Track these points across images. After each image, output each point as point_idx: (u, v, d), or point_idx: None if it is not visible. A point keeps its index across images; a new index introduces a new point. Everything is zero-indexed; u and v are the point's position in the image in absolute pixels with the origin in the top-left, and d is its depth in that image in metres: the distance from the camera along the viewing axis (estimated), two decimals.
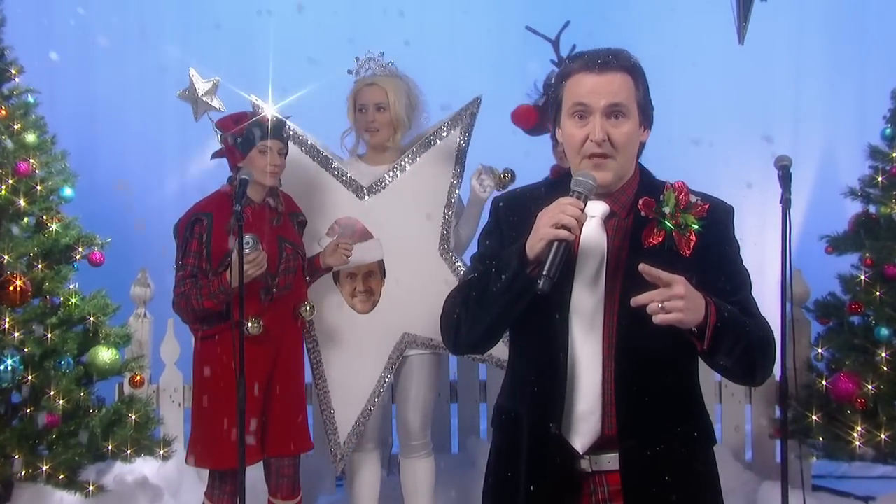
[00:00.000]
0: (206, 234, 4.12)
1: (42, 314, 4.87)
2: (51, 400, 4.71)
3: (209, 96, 4.21)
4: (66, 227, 5.01)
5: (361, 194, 4.63)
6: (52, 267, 4.93)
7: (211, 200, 4.24)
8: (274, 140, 4.18)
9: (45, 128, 5.08)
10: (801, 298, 5.62)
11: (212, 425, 4.17)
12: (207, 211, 4.16)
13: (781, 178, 3.75)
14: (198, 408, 4.28)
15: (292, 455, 4.35)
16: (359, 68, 4.63)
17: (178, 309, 4.20)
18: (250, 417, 4.10)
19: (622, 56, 2.56)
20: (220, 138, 4.23)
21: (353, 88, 4.62)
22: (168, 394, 5.64)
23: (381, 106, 4.54)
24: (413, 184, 4.61)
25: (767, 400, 5.77)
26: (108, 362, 4.93)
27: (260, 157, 4.15)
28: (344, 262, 4.39)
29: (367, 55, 4.63)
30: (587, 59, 2.54)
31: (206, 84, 4.22)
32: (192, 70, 4.18)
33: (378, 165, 4.66)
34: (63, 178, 5.06)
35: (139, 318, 5.56)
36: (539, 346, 2.56)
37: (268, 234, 4.17)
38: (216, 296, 4.04)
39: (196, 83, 4.21)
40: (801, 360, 5.31)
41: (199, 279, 4.10)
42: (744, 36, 5.55)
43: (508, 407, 2.69)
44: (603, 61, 2.52)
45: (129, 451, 4.92)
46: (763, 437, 5.82)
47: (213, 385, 4.17)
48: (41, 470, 4.68)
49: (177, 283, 4.17)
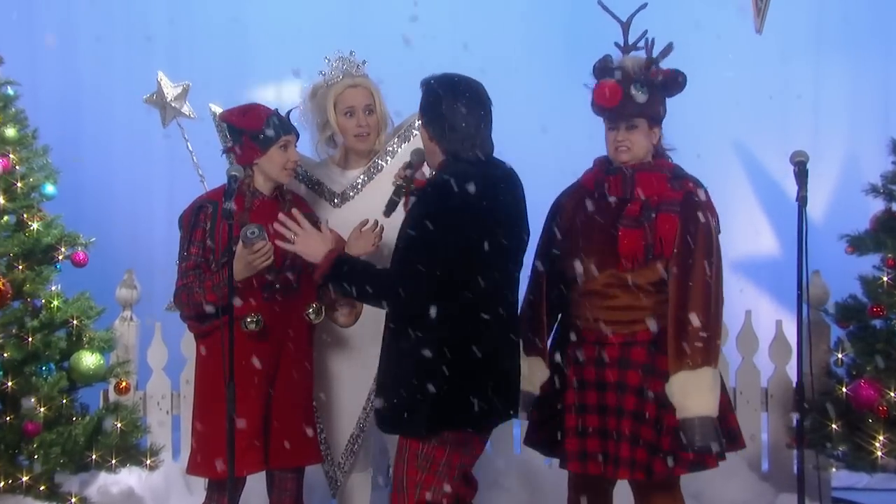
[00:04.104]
0: (210, 221, 4.12)
1: (22, 317, 4.91)
2: (32, 407, 4.72)
3: (179, 101, 4.16)
4: (48, 226, 5.03)
5: (335, 201, 4.57)
6: (34, 268, 4.95)
7: (217, 191, 4.23)
8: (292, 135, 4.18)
9: (26, 121, 5.10)
10: (820, 301, 5.61)
11: (209, 430, 4.14)
12: (213, 199, 4.17)
13: (797, 175, 3.78)
14: (195, 412, 4.26)
15: (295, 468, 4.28)
16: (333, 69, 4.54)
17: (178, 302, 4.18)
18: (250, 421, 4.06)
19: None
20: (231, 134, 4.21)
21: (333, 90, 4.49)
22: (155, 401, 5.62)
23: (370, 108, 4.48)
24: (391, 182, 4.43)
25: (785, 407, 5.74)
26: (91, 368, 4.95)
27: (280, 153, 4.14)
28: (373, 248, 4.18)
29: (338, 54, 4.55)
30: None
31: (175, 89, 4.16)
32: (161, 73, 4.13)
33: (352, 170, 4.59)
34: (45, 174, 5.08)
35: (125, 321, 5.54)
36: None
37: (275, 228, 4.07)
38: (219, 289, 4.02)
39: (164, 88, 4.15)
40: (819, 365, 5.32)
41: (203, 271, 4.10)
42: (762, 25, 5.57)
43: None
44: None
45: (113, 461, 4.93)
46: (780, 446, 5.78)
47: (210, 387, 4.14)
48: (21, 481, 4.72)
49: (180, 275, 4.16)
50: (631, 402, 3.89)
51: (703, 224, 3.87)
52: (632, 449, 3.87)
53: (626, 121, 3.94)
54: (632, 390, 3.89)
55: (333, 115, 4.50)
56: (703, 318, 3.81)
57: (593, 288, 3.96)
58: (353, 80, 4.50)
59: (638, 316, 3.92)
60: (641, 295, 3.91)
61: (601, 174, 4.05)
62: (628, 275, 3.90)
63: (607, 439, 3.92)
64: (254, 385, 4.11)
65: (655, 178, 3.94)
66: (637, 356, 3.91)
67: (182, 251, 4.17)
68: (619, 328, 3.93)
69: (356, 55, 4.57)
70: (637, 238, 3.88)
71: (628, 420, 3.88)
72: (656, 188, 3.93)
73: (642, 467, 3.86)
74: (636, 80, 3.93)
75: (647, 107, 3.94)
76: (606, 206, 3.98)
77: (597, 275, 3.94)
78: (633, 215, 3.90)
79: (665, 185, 3.94)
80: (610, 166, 4.03)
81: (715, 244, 3.90)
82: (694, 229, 3.86)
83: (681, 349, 3.81)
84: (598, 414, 3.95)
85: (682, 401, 3.81)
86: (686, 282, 3.85)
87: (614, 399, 3.92)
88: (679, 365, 3.82)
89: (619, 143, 3.96)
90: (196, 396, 4.29)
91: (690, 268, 3.85)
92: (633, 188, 3.93)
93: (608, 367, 3.93)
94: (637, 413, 3.88)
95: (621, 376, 3.92)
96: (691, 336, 3.80)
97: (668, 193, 3.92)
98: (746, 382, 5.82)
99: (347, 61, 4.54)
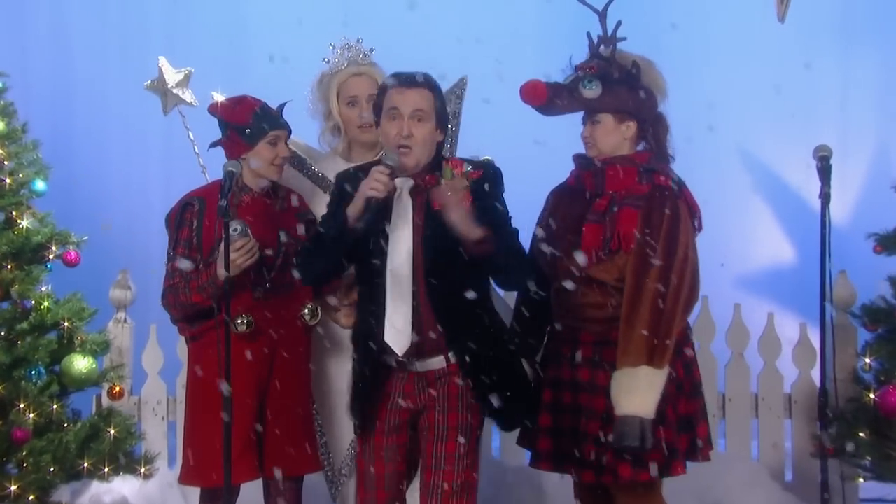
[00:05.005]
0: (196, 220, 4.12)
1: (11, 319, 4.87)
2: (20, 413, 4.70)
3: (180, 88, 4.18)
4: (39, 224, 4.99)
5: None
6: (23, 267, 4.92)
7: (205, 187, 4.26)
8: (282, 130, 4.17)
9: (15, 114, 5.07)
10: (846, 302, 5.56)
11: (200, 437, 4.14)
12: (200, 196, 4.17)
13: (820, 171, 3.79)
14: (186, 418, 4.26)
15: (292, 477, 4.26)
16: (338, 57, 4.52)
17: (165, 304, 4.19)
18: (243, 428, 4.04)
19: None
20: (220, 127, 4.20)
21: (336, 79, 4.49)
22: (150, 406, 5.61)
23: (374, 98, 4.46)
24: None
25: (809, 414, 5.68)
26: (83, 372, 4.92)
27: (268, 148, 4.13)
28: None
29: (344, 41, 4.53)
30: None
31: (177, 75, 4.18)
32: (162, 59, 4.14)
33: (357, 162, 4.46)
34: (35, 169, 5.05)
35: (119, 323, 5.54)
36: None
37: (264, 225, 4.12)
38: (204, 289, 4.02)
39: (166, 73, 4.18)
40: (846, 370, 5.26)
41: (190, 271, 4.08)
42: (785, 13, 5.48)
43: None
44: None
45: (106, 470, 4.90)
46: (804, 455, 5.70)
47: (201, 392, 4.14)
48: (9, 490, 4.67)
49: (167, 275, 4.17)
50: (601, 403, 3.87)
51: (668, 217, 3.85)
52: (597, 452, 3.85)
53: (589, 116, 3.98)
54: (602, 391, 3.87)
55: (336, 105, 4.49)
56: (649, 316, 3.79)
57: (564, 285, 3.95)
58: (357, 68, 4.48)
59: (608, 314, 3.90)
60: (610, 293, 3.90)
61: (578, 169, 4.08)
62: (594, 271, 3.90)
63: (579, 440, 3.91)
64: (246, 390, 4.06)
65: (624, 171, 3.94)
66: (609, 356, 3.88)
67: (169, 251, 4.17)
68: (592, 326, 3.93)
69: (363, 42, 4.53)
70: (597, 233, 3.89)
71: (596, 421, 3.87)
72: (623, 182, 3.93)
73: (610, 470, 3.85)
74: (583, 76, 3.94)
75: (601, 101, 3.94)
76: (581, 202, 4.00)
77: (568, 270, 3.93)
78: (600, 210, 3.92)
79: (632, 179, 3.93)
80: (585, 161, 4.05)
81: (682, 240, 3.87)
82: (657, 223, 3.85)
83: (624, 346, 3.82)
84: (571, 413, 3.94)
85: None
86: (640, 277, 3.83)
87: (587, 399, 3.91)
88: (621, 361, 3.82)
89: (585, 139, 4.02)
90: (186, 403, 4.28)
91: (645, 263, 3.83)
92: (603, 182, 3.95)
93: (581, 367, 3.93)
94: (606, 415, 3.85)
95: (593, 376, 3.91)
96: (635, 333, 3.80)
97: (635, 187, 3.92)
98: (769, 388, 5.80)
99: (353, 48, 4.53)
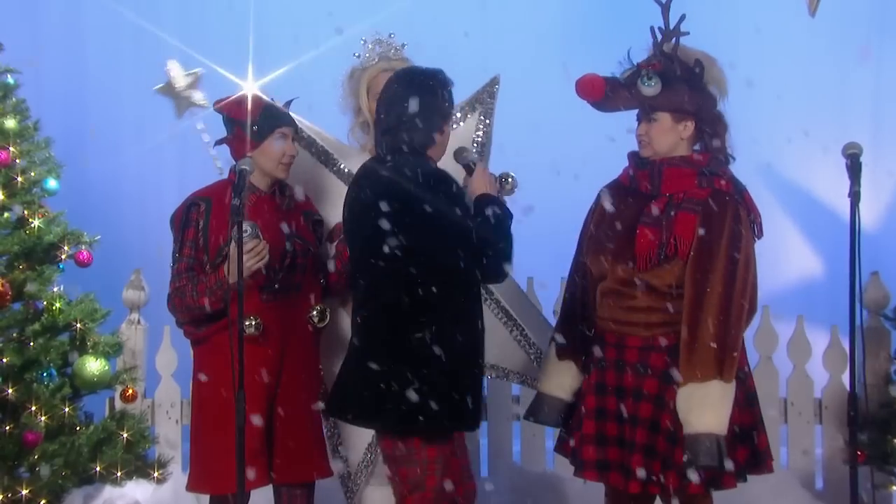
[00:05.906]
0: (202, 220, 4.10)
1: (23, 320, 4.88)
2: (32, 416, 4.70)
3: (190, 90, 4.15)
4: (51, 223, 5.01)
5: None
6: (35, 267, 4.93)
7: (211, 187, 4.23)
8: (290, 127, 4.15)
9: (27, 112, 5.08)
10: (878, 305, 5.54)
11: (208, 443, 4.12)
12: (206, 196, 4.15)
13: (850, 168, 3.69)
14: (193, 423, 4.25)
15: (303, 483, 4.24)
16: (368, 52, 4.52)
17: (171, 307, 4.17)
18: (252, 434, 4.00)
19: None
20: (225, 124, 4.18)
21: (367, 74, 4.49)
22: (164, 409, 5.61)
23: None
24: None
25: (840, 420, 5.63)
26: (96, 374, 4.92)
27: (274, 146, 4.11)
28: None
29: (376, 36, 4.53)
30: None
31: (187, 77, 4.16)
32: (171, 62, 4.13)
33: None
34: (47, 168, 5.06)
35: (132, 324, 5.53)
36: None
37: (272, 226, 4.10)
38: (213, 292, 4.00)
39: (175, 77, 4.15)
40: (878, 375, 5.24)
41: (197, 273, 4.07)
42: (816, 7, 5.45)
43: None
44: None
45: (119, 474, 4.91)
46: (835, 462, 5.68)
47: (207, 396, 4.13)
48: (21, 494, 4.67)
49: (172, 278, 4.14)
50: (647, 410, 3.84)
51: (729, 225, 3.80)
52: (645, 461, 3.81)
53: (646, 114, 3.93)
54: (648, 398, 3.84)
55: (366, 101, 4.48)
56: (716, 328, 3.74)
57: (613, 287, 3.93)
58: (388, 63, 4.47)
59: (658, 319, 3.86)
60: (662, 297, 3.85)
61: (633, 168, 4.03)
62: (646, 275, 3.85)
63: (625, 448, 3.88)
64: (254, 394, 4.02)
65: (683, 173, 3.89)
66: (656, 362, 3.86)
67: (174, 253, 4.15)
68: (638, 331, 3.89)
69: (395, 37, 4.53)
70: (652, 236, 3.84)
71: (643, 430, 3.83)
72: (681, 184, 3.88)
73: (655, 481, 3.81)
74: (643, 72, 3.89)
75: (660, 99, 3.89)
76: (634, 202, 3.95)
77: (618, 273, 3.90)
78: (655, 213, 3.87)
79: (691, 182, 3.88)
80: (641, 160, 4.00)
81: (744, 248, 3.81)
82: (717, 231, 3.79)
83: (689, 359, 3.77)
84: (616, 421, 3.91)
85: (687, 415, 3.75)
86: (702, 286, 3.78)
87: (632, 406, 3.87)
88: (687, 376, 3.76)
89: (640, 137, 3.96)
90: (193, 407, 4.26)
91: (708, 272, 3.78)
92: (659, 183, 3.90)
93: (627, 372, 3.90)
94: (653, 422, 3.82)
95: (639, 382, 3.88)
96: (701, 345, 3.75)
97: (694, 191, 3.86)
98: (798, 393, 5.75)
99: (384, 43, 4.53)
